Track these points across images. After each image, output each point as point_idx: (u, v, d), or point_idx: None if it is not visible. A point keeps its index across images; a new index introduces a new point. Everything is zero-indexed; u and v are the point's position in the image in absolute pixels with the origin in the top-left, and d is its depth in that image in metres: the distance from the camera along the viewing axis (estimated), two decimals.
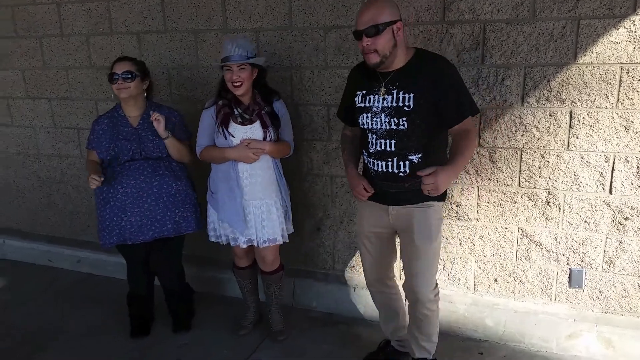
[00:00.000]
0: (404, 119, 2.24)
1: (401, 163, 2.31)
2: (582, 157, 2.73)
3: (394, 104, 2.25)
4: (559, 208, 2.83)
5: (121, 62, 2.89)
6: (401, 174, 2.32)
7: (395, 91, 2.25)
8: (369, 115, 2.33)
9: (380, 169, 2.36)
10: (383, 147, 2.32)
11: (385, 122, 2.28)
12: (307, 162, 3.30)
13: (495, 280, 3.06)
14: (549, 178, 2.81)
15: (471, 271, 3.10)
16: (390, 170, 2.34)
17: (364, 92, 2.35)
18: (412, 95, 2.21)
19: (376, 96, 2.30)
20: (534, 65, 2.69)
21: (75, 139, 3.98)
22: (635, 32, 2.51)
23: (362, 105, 2.36)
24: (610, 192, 2.72)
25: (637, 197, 2.68)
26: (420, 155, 2.29)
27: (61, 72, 3.86)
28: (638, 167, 2.64)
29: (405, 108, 2.23)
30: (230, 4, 3.22)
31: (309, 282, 3.44)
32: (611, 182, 2.71)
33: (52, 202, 4.24)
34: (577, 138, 2.71)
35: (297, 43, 3.12)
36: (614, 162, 2.68)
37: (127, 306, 3.24)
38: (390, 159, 2.32)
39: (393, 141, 2.29)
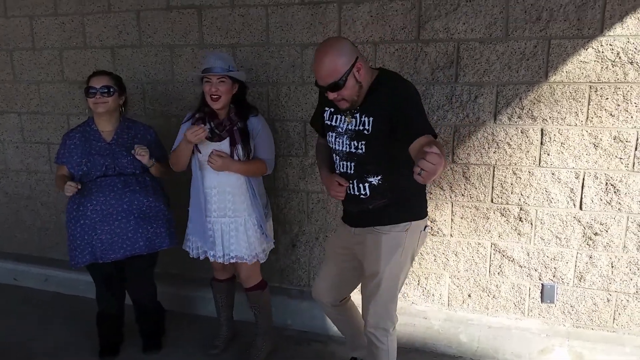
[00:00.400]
0: (363, 142, 2.21)
1: (361, 185, 2.29)
2: (553, 174, 2.79)
3: (356, 127, 2.22)
4: (531, 224, 2.88)
5: (99, 76, 2.83)
6: (362, 196, 2.31)
7: (358, 115, 2.22)
8: (334, 134, 2.32)
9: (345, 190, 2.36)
10: (344, 170, 2.32)
11: (346, 144, 2.27)
12: (283, 178, 3.30)
13: (469, 295, 3.08)
14: (521, 194, 2.86)
15: (445, 287, 3.12)
16: (352, 193, 2.33)
17: (332, 109, 2.34)
18: (371, 118, 2.18)
19: (342, 117, 2.28)
20: (507, 84, 2.76)
21: (45, 154, 3.90)
22: (602, 52, 2.59)
23: (329, 123, 2.35)
24: (581, 208, 2.78)
25: (605, 212, 2.75)
26: (380, 177, 2.26)
27: (32, 86, 3.80)
28: (606, 183, 2.71)
29: (365, 132, 2.20)
30: (207, 20, 3.22)
31: (283, 300, 3.40)
32: (581, 198, 2.77)
33: (19, 219, 4.13)
34: (548, 155, 2.77)
35: (274, 59, 3.14)
36: (583, 179, 2.74)
37: (97, 326, 3.14)
38: (351, 181, 2.31)
39: (352, 164, 2.28)
